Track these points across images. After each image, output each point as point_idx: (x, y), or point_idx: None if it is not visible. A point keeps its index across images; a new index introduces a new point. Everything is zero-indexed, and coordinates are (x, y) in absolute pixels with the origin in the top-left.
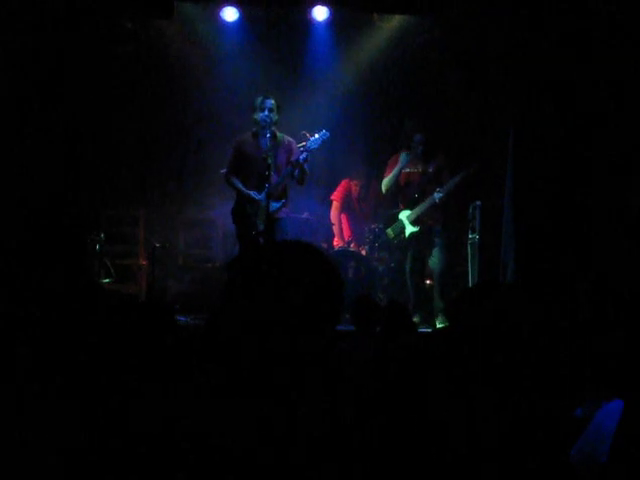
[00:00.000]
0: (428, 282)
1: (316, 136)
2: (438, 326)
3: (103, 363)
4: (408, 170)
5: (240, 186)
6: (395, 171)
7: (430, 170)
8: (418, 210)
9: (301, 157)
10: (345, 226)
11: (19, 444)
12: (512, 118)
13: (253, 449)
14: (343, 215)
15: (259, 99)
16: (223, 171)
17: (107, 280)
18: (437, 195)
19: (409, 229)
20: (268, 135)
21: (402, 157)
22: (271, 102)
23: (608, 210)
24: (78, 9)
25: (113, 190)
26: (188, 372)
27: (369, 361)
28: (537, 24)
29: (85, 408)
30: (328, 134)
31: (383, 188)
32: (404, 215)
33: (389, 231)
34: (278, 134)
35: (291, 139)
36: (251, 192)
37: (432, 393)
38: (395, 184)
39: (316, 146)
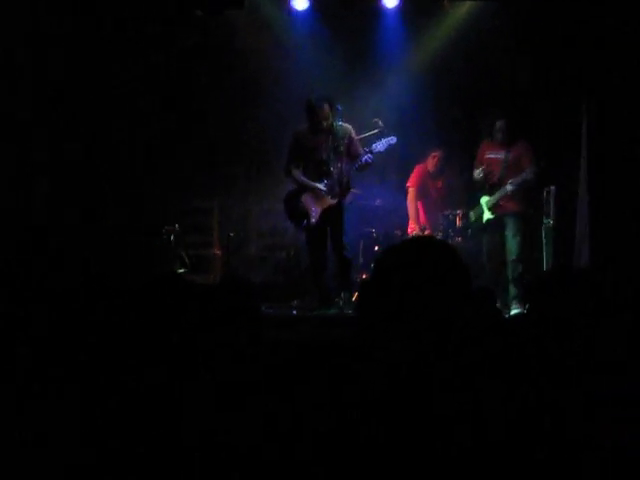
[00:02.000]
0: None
1: (382, 141)
2: (512, 313)
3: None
4: (490, 156)
5: (304, 179)
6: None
7: (510, 156)
8: (495, 197)
9: (363, 159)
10: (421, 212)
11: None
12: (586, 103)
13: (258, 446)
14: (419, 202)
15: (314, 98)
16: (284, 164)
17: (182, 270)
18: (509, 187)
19: (486, 215)
20: (337, 126)
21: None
22: (327, 104)
23: None
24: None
25: (187, 182)
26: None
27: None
28: (609, 6)
29: (89, 406)
30: (395, 139)
31: (474, 178)
32: (484, 200)
33: (471, 214)
34: (336, 126)
35: (349, 128)
36: (316, 184)
37: (437, 386)
38: (478, 169)
39: (382, 150)
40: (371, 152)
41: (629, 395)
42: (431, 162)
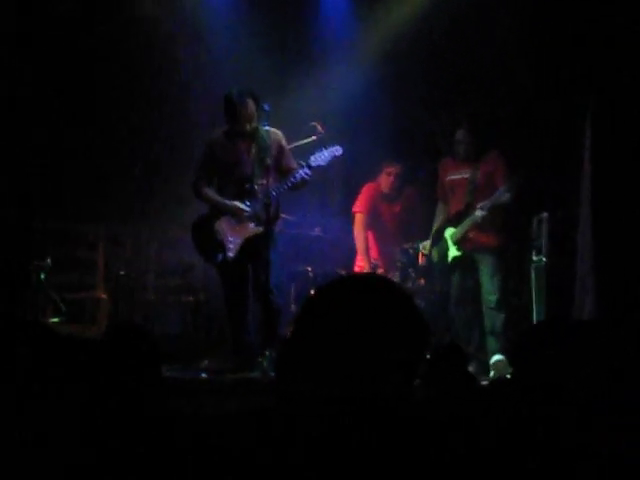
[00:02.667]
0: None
1: (324, 152)
2: (492, 374)
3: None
4: (453, 177)
5: (219, 199)
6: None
7: (478, 175)
8: (463, 228)
9: (298, 175)
10: (372, 245)
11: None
12: (592, 106)
13: (252, 449)
14: (369, 232)
15: (235, 93)
16: (193, 179)
17: (55, 319)
18: (478, 213)
19: (452, 252)
20: (260, 131)
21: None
22: (251, 99)
23: None
24: None
25: (63, 200)
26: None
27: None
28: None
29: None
30: (341, 150)
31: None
32: (449, 233)
33: (433, 251)
34: (262, 131)
35: (279, 135)
36: (236, 202)
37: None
38: (440, 194)
39: (323, 163)
40: (308, 166)
41: (625, 402)
42: (385, 180)
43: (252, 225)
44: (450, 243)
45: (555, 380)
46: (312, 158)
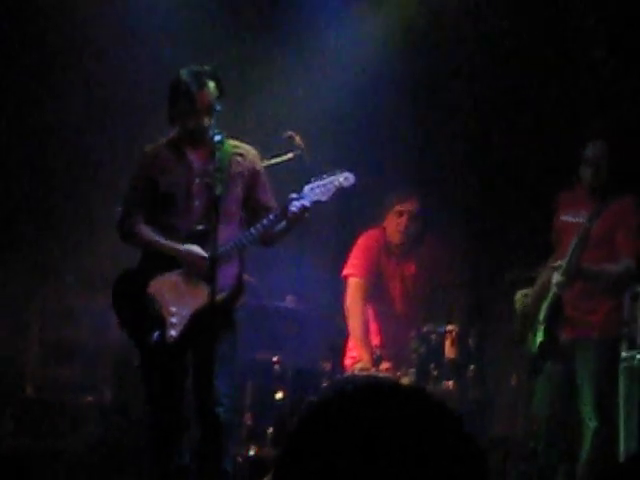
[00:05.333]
0: None
1: (325, 180)
2: None
3: None
4: (566, 217)
5: (161, 240)
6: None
7: (596, 225)
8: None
9: (292, 208)
10: (373, 325)
11: None
12: None
13: None
14: (370, 305)
15: (188, 74)
16: (118, 210)
17: None
18: (555, 278)
19: (539, 336)
20: (216, 144)
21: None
22: (213, 83)
23: None
24: None
25: None
26: None
27: None
28: None
29: None
30: (352, 180)
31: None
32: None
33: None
34: (227, 143)
35: (252, 153)
36: (191, 246)
37: None
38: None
39: (323, 199)
40: (304, 200)
41: None
42: (395, 224)
43: (206, 290)
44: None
45: None
46: (307, 188)
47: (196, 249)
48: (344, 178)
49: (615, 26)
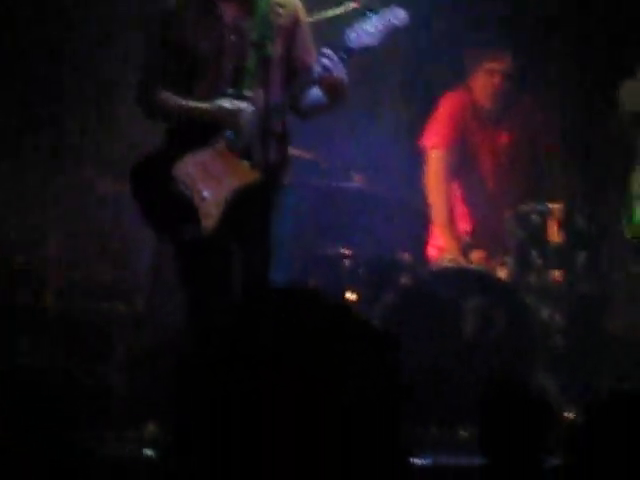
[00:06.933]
0: None
1: (372, 21)
2: None
3: None
4: None
5: (190, 103)
6: None
7: None
8: None
9: (316, 67)
10: (461, 207)
11: None
12: None
13: None
14: (457, 182)
15: None
16: (138, 83)
17: None
18: None
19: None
20: None
21: None
22: None
23: None
24: None
25: None
26: None
27: None
28: None
29: None
30: (404, 15)
31: None
32: None
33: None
34: None
35: (294, 1)
36: (219, 101)
37: None
38: None
39: (372, 42)
40: (346, 50)
41: None
42: (485, 84)
43: (246, 165)
44: None
45: None
46: (351, 35)
47: (229, 102)
48: (393, 15)
49: None
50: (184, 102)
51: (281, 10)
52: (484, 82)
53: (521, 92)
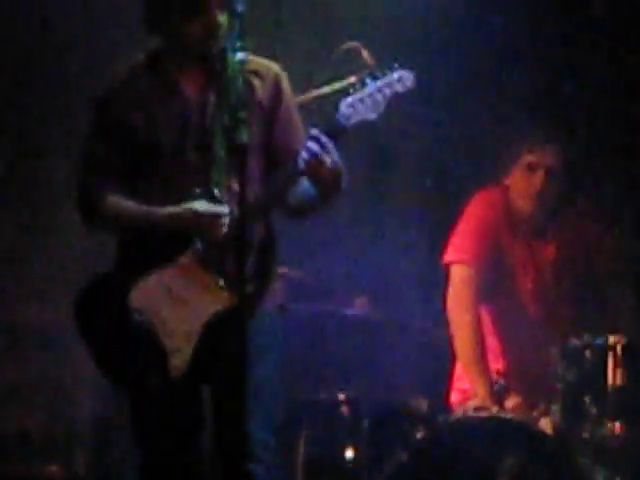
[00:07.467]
0: None
1: (374, 85)
2: None
3: None
4: None
5: (147, 209)
6: None
7: None
8: None
9: (302, 156)
10: (492, 340)
11: None
12: None
13: None
14: (486, 308)
15: None
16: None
17: None
18: None
19: None
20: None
21: None
22: None
23: None
24: None
25: None
26: None
27: None
28: None
29: None
30: (412, 79)
31: None
32: None
33: None
34: (230, 59)
35: (274, 70)
36: (187, 204)
37: None
38: None
39: (371, 116)
40: (337, 128)
41: None
42: (525, 183)
43: (220, 284)
44: None
45: None
46: (344, 109)
47: (205, 205)
48: (398, 79)
49: None
50: (138, 207)
51: (258, 82)
52: (524, 180)
53: (572, 194)
